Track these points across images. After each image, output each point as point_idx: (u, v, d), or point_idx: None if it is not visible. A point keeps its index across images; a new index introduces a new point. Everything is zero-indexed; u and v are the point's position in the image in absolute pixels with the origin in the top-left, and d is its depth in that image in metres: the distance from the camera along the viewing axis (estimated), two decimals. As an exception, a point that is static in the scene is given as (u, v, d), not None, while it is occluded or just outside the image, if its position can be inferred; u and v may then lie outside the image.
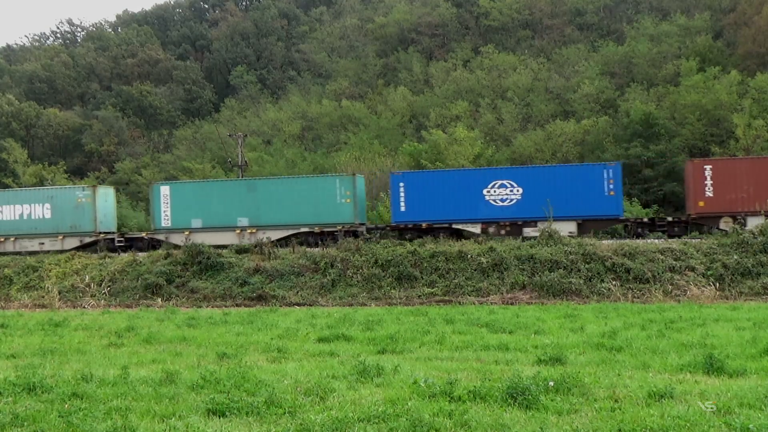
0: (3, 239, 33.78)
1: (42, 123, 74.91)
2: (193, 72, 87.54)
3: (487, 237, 29.20)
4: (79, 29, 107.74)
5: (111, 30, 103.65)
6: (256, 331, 16.31)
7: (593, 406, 8.20)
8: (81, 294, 27.94)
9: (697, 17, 63.05)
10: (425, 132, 52.70)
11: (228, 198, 32.19)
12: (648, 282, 23.93)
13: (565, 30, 73.12)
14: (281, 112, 70.99)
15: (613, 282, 24.16)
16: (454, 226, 30.36)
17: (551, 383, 8.85)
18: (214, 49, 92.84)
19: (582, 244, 26.01)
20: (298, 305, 24.75)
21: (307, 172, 42.30)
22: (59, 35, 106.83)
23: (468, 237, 29.81)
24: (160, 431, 7.71)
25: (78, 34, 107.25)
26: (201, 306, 25.38)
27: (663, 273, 24.10)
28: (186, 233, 31.75)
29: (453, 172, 33.26)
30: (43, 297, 27.89)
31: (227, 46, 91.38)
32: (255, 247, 29.30)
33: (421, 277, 25.82)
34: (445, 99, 62.08)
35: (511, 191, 29.81)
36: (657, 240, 27.92)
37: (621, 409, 7.97)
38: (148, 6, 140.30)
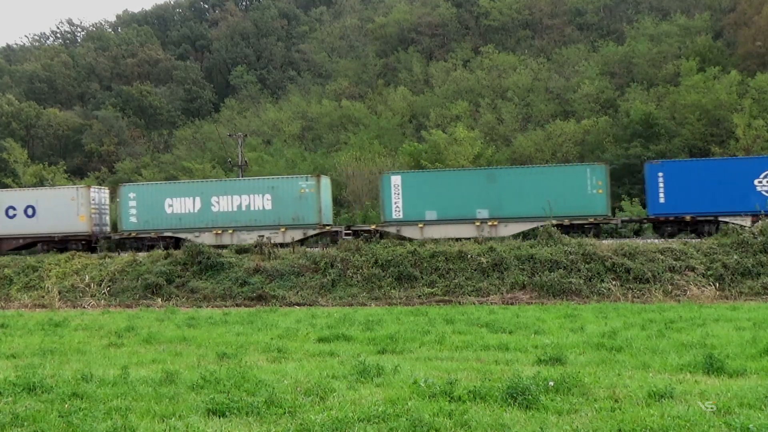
0: (220, 231, 32.02)
1: (42, 123, 74.91)
2: (193, 72, 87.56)
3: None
4: (79, 29, 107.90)
5: (111, 30, 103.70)
6: (256, 331, 16.31)
7: (593, 406, 8.20)
8: (81, 294, 27.94)
9: (697, 17, 63.05)
10: (425, 132, 52.70)
11: (466, 188, 30.44)
12: (648, 282, 23.93)
13: (565, 30, 73.13)
14: (281, 112, 71.00)
15: (613, 282, 24.17)
16: (720, 219, 28.71)
17: (551, 383, 8.85)
18: (214, 49, 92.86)
19: (582, 244, 26.02)
20: (298, 305, 24.75)
21: (307, 172, 42.18)
22: (59, 35, 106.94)
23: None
24: (160, 431, 7.71)
25: (78, 34, 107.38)
26: (201, 306, 25.38)
27: (663, 273, 24.11)
28: (420, 226, 30.42)
29: (719, 161, 32.06)
30: (43, 297, 27.88)
31: (227, 46, 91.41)
32: (255, 247, 29.30)
33: (421, 277, 25.83)
34: (445, 99, 62.09)
35: None
36: (657, 240, 27.93)
37: (621, 409, 7.97)
38: (148, 6, 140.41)
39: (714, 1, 66.75)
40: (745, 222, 28.08)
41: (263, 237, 30.84)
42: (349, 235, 30.95)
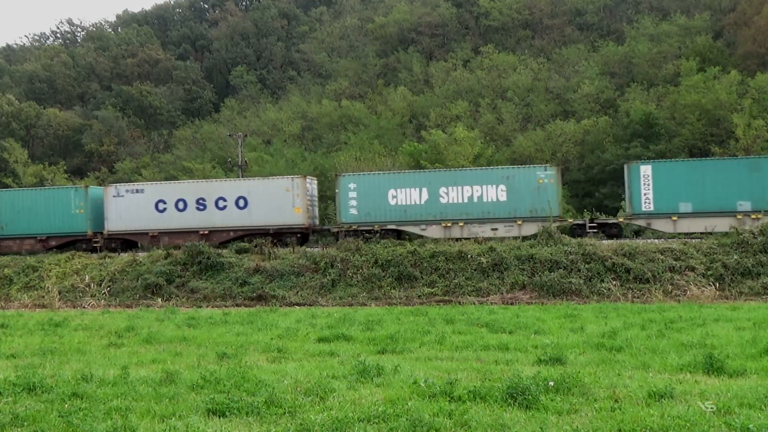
0: (449, 224, 30.22)
1: (42, 123, 74.94)
2: (193, 72, 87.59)
3: None
4: (79, 29, 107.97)
5: (111, 30, 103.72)
6: (256, 331, 16.31)
7: (593, 406, 8.20)
8: (81, 294, 27.94)
9: (697, 17, 63.07)
10: (425, 132, 52.71)
11: (724, 178, 28.70)
12: (648, 282, 23.93)
13: (565, 30, 73.16)
14: (281, 112, 71.00)
15: (613, 282, 24.16)
16: None
17: (551, 383, 8.86)
18: (214, 49, 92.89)
19: (582, 244, 26.02)
20: (298, 305, 24.74)
21: (307, 172, 42.12)
22: (59, 35, 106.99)
23: None
24: (160, 431, 7.71)
25: (78, 34, 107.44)
26: (201, 306, 25.38)
27: (663, 273, 24.10)
28: (674, 219, 28.86)
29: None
30: (43, 297, 27.87)
31: (227, 46, 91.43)
32: (255, 247, 29.29)
33: (421, 277, 25.82)
34: (445, 99, 62.10)
35: None
36: (657, 240, 27.93)
37: (621, 409, 7.97)
38: (148, 6, 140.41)
39: (714, 1, 66.78)
40: None
41: (497, 230, 29.60)
42: (594, 229, 29.61)
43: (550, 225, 27.85)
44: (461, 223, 30.16)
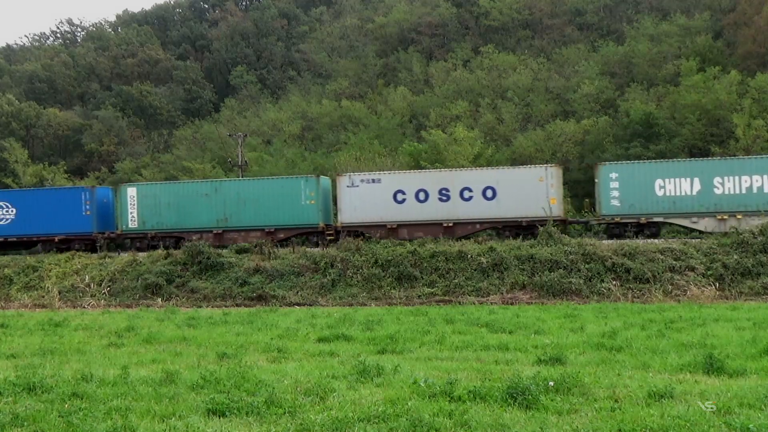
0: (726, 216, 28.55)
1: (42, 123, 74.91)
2: (193, 72, 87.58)
3: None
4: (79, 29, 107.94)
5: (111, 30, 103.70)
6: (256, 331, 16.31)
7: (593, 406, 8.20)
8: (81, 294, 27.94)
9: (697, 17, 63.05)
10: (425, 132, 52.68)
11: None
12: (648, 282, 23.94)
13: (565, 30, 73.13)
14: (281, 112, 71.00)
15: (613, 282, 24.17)
16: None
17: (551, 383, 8.85)
18: (214, 49, 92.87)
19: (582, 244, 26.03)
20: (298, 305, 24.74)
21: (307, 172, 42.04)
22: (59, 35, 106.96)
23: None
24: (160, 431, 7.71)
25: (78, 34, 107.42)
26: (201, 306, 25.38)
27: (663, 273, 24.11)
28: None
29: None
30: (43, 297, 27.88)
31: (227, 46, 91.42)
32: (255, 247, 29.28)
33: (421, 277, 25.82)
34: (445, 99, 62.06)
35: None
36: (657, 240, 27.95)
37: (621, 409, 7.97)
38: (148, 6, 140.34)
39: (714, 1, 66.75)
40: None
41: None
42: None
43: (549, 225, 27.85)
44: (738, 216, 28.33)
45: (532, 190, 30.05)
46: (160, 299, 26.53)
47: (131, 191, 33.50)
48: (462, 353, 12.59)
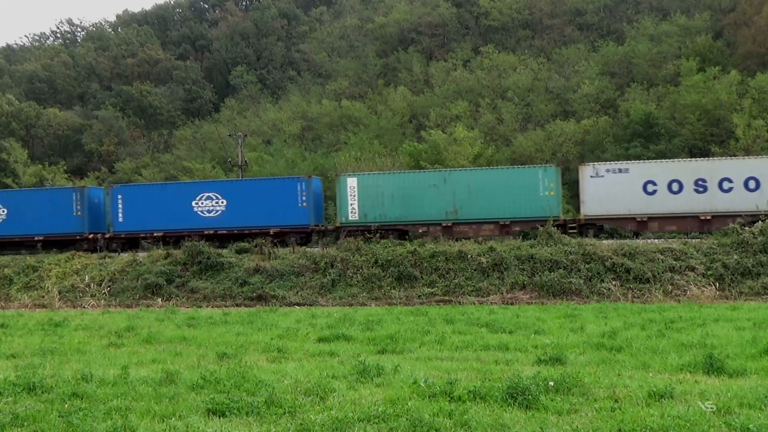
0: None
1: (42, 123, 74.92)
2: (193, 72, 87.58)
3: None
4: (79, 29, 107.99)
5: (111, 30, 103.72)
6: (256, 331, 16.31)
7: (593, 406, 8.20)
8: (81, 294, 27.93)
9: (697, 17, 63.05)
10: (425, 132, 52.69)
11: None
12: (648, 282, 23.93)
13: (565, 30, 73.13)
14: (281, 112, 71.01)
15: (613, 282, 24.16)
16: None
17: (551, 383, 8.84)
18: (214, 49, 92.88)
19: (582, 244, 26.02)
20: (298, 305, 24.74)
21: (307, 172, 42.01)
22: (59, 35, 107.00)
23: None
24: (160, 431, 7.71)
25: (78, 34, 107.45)
26: (201, 306, 25.37)
27: (663, 273, 24.10)
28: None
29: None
30: (43, 297, 27.88)
31: (227, 46, 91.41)
32: (255, 247, 29.27)
33: (421, 277, 25.82)
34: (445, 99, 62.07)
35: None
36: (657, 240, 27.93)
37: (621, 409, 7.96)
38: (148, 6, 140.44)
39: (714, 1, 66.75)
40: None
41: None
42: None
43: (549, 225, 27.83)
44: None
45: None
46: (160, 299, 26.53)
47: (351, 182, 31.38)
48: (462, 353, 12.58)
